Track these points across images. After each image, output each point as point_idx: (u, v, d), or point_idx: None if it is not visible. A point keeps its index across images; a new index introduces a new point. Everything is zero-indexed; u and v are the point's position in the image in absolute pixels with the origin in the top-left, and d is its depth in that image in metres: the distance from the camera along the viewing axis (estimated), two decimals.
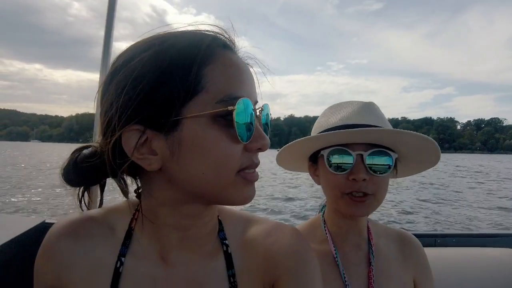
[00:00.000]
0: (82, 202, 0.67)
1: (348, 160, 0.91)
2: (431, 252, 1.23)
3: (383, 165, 0.92)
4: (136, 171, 0.62)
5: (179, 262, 0.65)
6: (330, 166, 0.94)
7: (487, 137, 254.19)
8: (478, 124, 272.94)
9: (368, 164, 0.91)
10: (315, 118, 1.09)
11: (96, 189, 0.69)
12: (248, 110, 0.56)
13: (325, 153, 0.95)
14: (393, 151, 0.94)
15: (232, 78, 0.56)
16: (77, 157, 0.63)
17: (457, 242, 1.66)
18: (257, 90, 0.63)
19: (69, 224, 0.66)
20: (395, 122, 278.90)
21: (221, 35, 0.60)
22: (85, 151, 0.64)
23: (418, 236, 1.07)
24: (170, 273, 0.64)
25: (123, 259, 0.63)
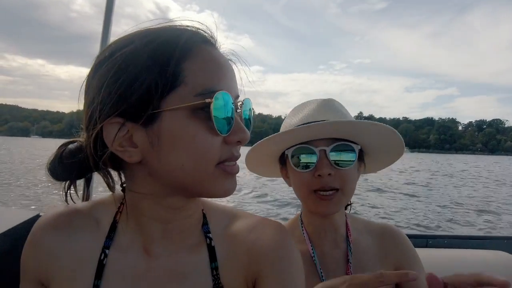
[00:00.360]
0: (68, 195, 0.68)
1: (312, 156, 0.93)
2: (422, 253, 1.24)
3: (347, 158, 0.93)
4: (120, 165, 0.63)
5: (162, 254, 0.66)
6: (295, 165, 0.95)
7: (488, 138, 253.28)
8: (479, 125, 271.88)
9: (332, 159, 0.92)
10: None
11: (88, 183, 0.71)
12: (227, 103, 0.56)
13: (289, 152, 0.97)
14: (356, 143, 0.95)
15: (211, 72, 0.57)
16: (62, 152, 0.65)
17: (449, 243, 1.67)
18: (241, 87, 0.65)
19: (54, 217, 0.67)
20: (396, 122, 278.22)
21: (202, 30, 0.61)
22: (71, 146, 0.66)
23: (409, 236, 1.06)
24: (153, 265, 0.65)
25: (107, 251, 0.64)
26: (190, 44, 0.57)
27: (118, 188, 0.68)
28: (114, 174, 0.67)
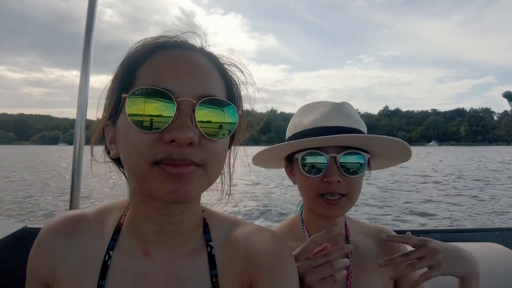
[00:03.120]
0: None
1: (322, 162, 0.94)
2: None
3: (356, 165, 0.95)
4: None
5: (160, 258, 0.68)
6: (305, 169, 0.96)
7: None
8: None
9: (341, 166, 0.94)
10: None
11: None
12: (156, 99, 0.56)
13: (299, 156, 0.98)
14: (365, 151, 0.97)
15: (158, 72, 0.59)
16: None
17: (440, 237, 1.64)
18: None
19: (61, 220, 0.71)
20: (423, 115, 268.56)
21: (166, 37, 0.66)
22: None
23: (400, 232, 1.07)
24: (152, 268, 0.67)
25: (111, 252, 0.68)
26: (143, 52, 0.63)
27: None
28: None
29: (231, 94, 0.69)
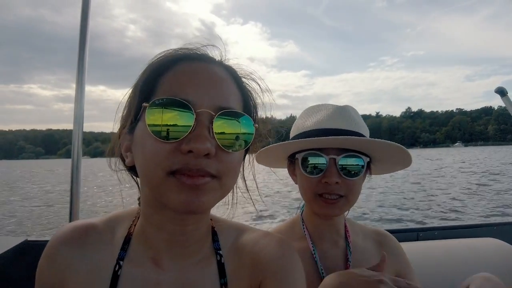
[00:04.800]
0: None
1: (321, 163, 0.96)
2: (414, 246, 1.39)
3: (355, 168, 0.96)
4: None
5: (171, 268, 0.68)
6: (304, 169, 0.99)
7: None
8: None
9: (340, 168, 0.95)
10: (368, 116, 0.87)
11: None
12: (176, 109, 0.57)
13: (299, 156, 1.01)
14: (365, 154, 0.99)
15: (179, 83, 0.60)
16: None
17: (440, 234, 1.68)
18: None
19: (70, 230, 0.71)
20: (448, 116, 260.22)
21: (188, 49, 0.67)
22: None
23: (399, 231, 1.11)
24: (163, 278, 0.67)
25: (121, 262, 0.67)
26: (163, 63, 0.63)
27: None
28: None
29: (247, 106, 0.70)
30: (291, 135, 1.09)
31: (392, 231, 1.12)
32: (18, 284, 0.69)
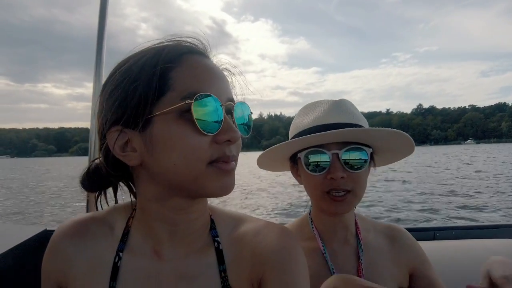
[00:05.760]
0: (98, 203, 0.74)
1: (324, 160, 0.95)
2: (430, 246, 1.31)
3: (359, 161, 0.95)
4: (129, 173, 0.70)
5: (171, 257, 0.69)
6: (308, 168, 0.97)
7: None
8: None
9: (344, 162, 0.94)
10: (378, 113, 0.88)
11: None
12: (211, 104, 0.59)
13: (301, 155, 0.99)
14: (368, 146, 0.97)
15: (198, 77, 0.61)
16: (89, 167, 0.72)
17: (457, 234, 1.63)
18: (240, 95, 0.71)
19: (71, 224, 0.73)
20: (460, 112, 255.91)
21: (190, 43, 0.67)
22: (97, 161, 0.71)
23: (415, 230, 1.07)
24: (163, 267, 0.68)
25: (121, 254, 0.69)
26: (174, 54, 0.62)
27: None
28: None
29: None
30: (290, 135, 1.07)
31: (407, 230, 1.10)
32: (37, 273, 0.72)
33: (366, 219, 1.11)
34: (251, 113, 0.70)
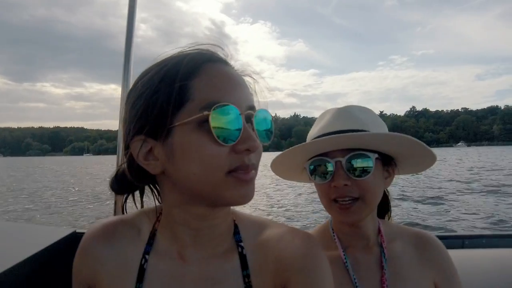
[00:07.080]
0: (125, 206, 0.77)
1: (328, 168, 0.95)
2: (459, 254, 1.20)
3: (363, 167, 0.93)
4: (154, 179, 0.72)
5: (195, 260, 0.71)
6: (314, 176, 0.98)
7: None
8: None
9: (347, 169, 0.92)
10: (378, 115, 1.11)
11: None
12: (229, 113, 0.60)
13: (306, 165, 1.00)
14: (373, 151, 0.94)
15: (217, 87, 0.62)
16: (118, 171, 0.74)
17: (488, 243, 1.55)
18: (261, 99, 0.71)
19: (101, 227, 0.76)
20: (453, 115, 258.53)
21: (209, 51, 0.68)
22: (124, 165, 0.72)
23: (444, 238, 1.03)
24: (187, 271, 0.70)
25: (147, 256, 0.71)
26: (194, 64, 0.63)
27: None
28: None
29: None
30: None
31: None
32: (67, 274, 0.75)
33: (392, 225, 1.07)
34: (272, 117, 0.71)
